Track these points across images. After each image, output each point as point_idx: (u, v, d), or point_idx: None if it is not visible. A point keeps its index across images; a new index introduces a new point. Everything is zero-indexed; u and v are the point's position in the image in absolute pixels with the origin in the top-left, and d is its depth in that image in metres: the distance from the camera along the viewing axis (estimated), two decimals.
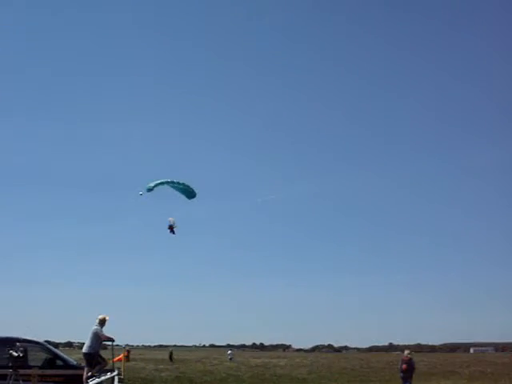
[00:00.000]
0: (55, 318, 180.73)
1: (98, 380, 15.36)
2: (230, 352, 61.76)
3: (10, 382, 14.48)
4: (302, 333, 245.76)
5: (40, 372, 16.94)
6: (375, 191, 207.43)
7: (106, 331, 17.03)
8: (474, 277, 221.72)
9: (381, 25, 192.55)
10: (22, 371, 14.99)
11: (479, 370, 45.12)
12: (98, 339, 16.59)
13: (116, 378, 14.03)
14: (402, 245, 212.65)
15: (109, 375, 15.53)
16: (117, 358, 49.25)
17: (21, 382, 14.66)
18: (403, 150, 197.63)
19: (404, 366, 26.38)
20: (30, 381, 15.45)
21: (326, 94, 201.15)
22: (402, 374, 26.41)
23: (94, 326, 16.64)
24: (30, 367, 16.96)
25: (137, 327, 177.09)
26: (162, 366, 39.73)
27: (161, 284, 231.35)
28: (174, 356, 55.97)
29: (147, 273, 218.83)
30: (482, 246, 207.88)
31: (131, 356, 51.35)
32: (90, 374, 15.89)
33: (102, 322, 16.85)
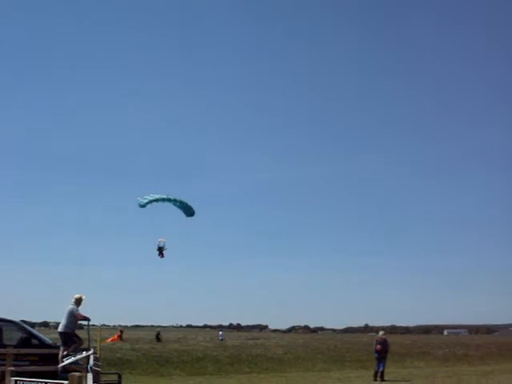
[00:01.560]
0: (31, 298, 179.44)
1: (73, 359, 15.34)
2: (221, 333, 65.24)
3: None
4: (279, 313, 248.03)
5: (15, 351, 16.87)
6: (368, 173, 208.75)
7: (82, 311, 17.01)
8: (449, 260, 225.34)
9: (382, 14, 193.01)
10: None
11: (452, 352, 45.94)
12: (74, 318, 16.53)
13: (91, 357, 14.02)
14: (381, 227, 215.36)
15: (84, 354, 15.52)
16: (111, 338, 49.48)
17: None
18: (403, 134, 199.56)
19: (378, 346, 26.90)
20: (4, 360, 15.32)
21: (332, 78, 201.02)
22: (376, 355, 26.93)
23: (70, 306, 16.56)
24: (5, 346, 16.88)
25: (113, 307, 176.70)
26: (138, 346, 39.71)
27: (138, 264, 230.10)
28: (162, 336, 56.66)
29: (124, 253, 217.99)
30: (458, 229, 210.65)
31: (109, 336, 51.35)
32: (65, 353, 15.86)
33: (78, 302, 16.76)
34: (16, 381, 9.24)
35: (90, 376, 9.01)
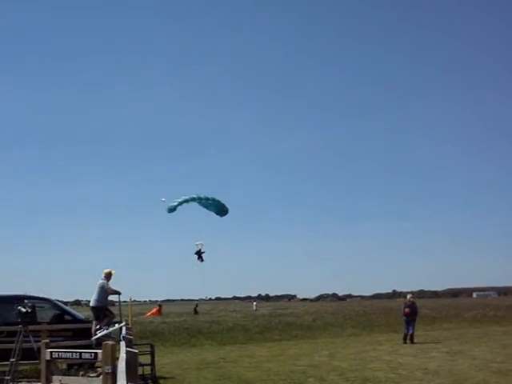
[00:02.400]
0: (64, 278, 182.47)
1: (106, 331, 15.63)
2: (255, 303, 71.04)
3: (20, 337, 14.72)
4: (307, 283, 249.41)
5: (49, 327, 17.26)
6: (375, 139, 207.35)
7: (113, 285, 17.19)
8: (476, 222, 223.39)
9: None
10: (31, 327, 15.22)
11: (482, 313, 45.84)
12: (105, 293, 16.68)
13: (124, 328, 14.26)
14: (404, 191, 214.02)
15: (117, 326, 15.80)
16: (151, 313, 51.02)
17: (31, 337, 14.88)
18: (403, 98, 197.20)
19: (407, 309, 26.90)
20: (39, 336, 15.68)
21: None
22: (405, 318, 26.94)
23: (101, 280, 16.72)
24: (39, 323, 17.27)
25: (142, 282, 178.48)
26: (169, 320, 40.37)
27: (164, 238, 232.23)
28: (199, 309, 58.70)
29: (150, 228, 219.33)
30: (483, 191, 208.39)
31: (143, 311, 52.27)
32: (98, 326, 16.14)
33: (108, 276, 16.87)
34: (51, 352, 9.48)
35: (122, 344, 9.21)
